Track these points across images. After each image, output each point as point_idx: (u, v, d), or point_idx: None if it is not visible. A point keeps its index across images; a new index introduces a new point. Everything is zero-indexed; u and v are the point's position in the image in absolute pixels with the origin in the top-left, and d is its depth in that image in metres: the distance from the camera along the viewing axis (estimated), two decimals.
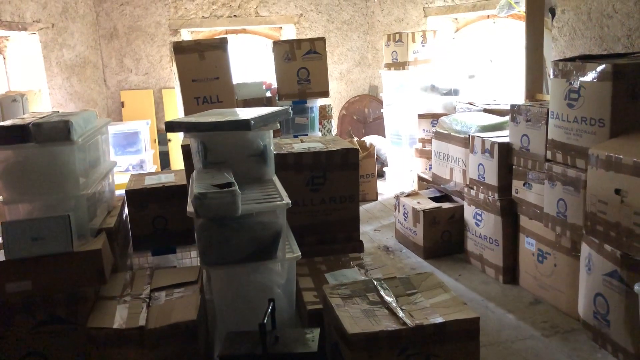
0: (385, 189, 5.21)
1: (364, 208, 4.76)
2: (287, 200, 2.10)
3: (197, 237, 2.08)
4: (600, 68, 2.44)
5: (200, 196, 1.88)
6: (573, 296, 2.69)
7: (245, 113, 2.39)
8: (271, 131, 2.41)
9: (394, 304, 1.98)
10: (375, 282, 2.15)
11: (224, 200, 1.88)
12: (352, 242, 2.93)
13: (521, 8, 4.09)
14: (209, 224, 2.01)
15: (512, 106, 3.14)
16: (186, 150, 2.68)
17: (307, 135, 4.31)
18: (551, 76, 2.75)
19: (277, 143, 3.01)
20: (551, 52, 4.22)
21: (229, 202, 1.89)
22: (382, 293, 2.06)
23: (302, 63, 4.34)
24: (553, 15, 4.25)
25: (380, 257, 2.79)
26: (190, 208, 2.01)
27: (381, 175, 5.50)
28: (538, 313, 2.85)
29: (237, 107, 4.16)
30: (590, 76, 2.49)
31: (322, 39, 4.38)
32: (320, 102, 4.74)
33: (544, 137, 2.85)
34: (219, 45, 4.11)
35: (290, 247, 2.28)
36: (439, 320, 1.85)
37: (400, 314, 1.91)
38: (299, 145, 2.95)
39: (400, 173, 5.27)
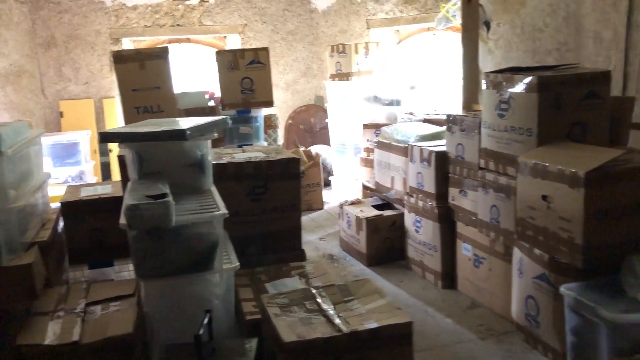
0: (331, 198, 5.25)
1: (309, 217, 4.79)
2: (223, 210, 2.10)
3: (131, 249, 2.05)
4: (527, 80, 2.55)
5: (132, 207, 1.85)
6: (507, 299, 2.79)
7: (182, 123, 2.38)
8: (209, 141, 2.40)
9: (331, 312, 2.00)
10: (313, 290, 2.17)
11: (156, 211, 1.86)
12: (294, 251, 2.94)
13: (457, 21, 4.24)
14: (142, 235, 1.99)
15: (448, 116, 3.24)
16: (122, 161, 2.64)
17: (251, 145, 4.31)
18: (483, 87, 2.85)
19: (217, 153, 3.00)
20: (487, 64, 4.39)
21: (161, 213, 1.87)
22: (320, 301, 2.08)
23: (246, 73, 4.34)
24: (488, 28, 4.42)
25: (321, 266, 2.82)
26: (123, 220, 1.98)
27: (327, 184, 5.54)
28: (475, 316, 2.94)
29: (180, 117, 4.11)
30: (518, 88, 2.60)
31: (266, 49, 4.40)
32: (266, 111, 4.76)
33: (477, 146, 2.95)
34: (160, 55, 4.06)
35: (229, 257, 2.28)
36: (374, 325, 1.89)
37: (337, 320, 1.93)
38: (240, 155, 2.95)
39: (346, 182, 5.33)
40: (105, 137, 2.29)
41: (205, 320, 1.94)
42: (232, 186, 2.76)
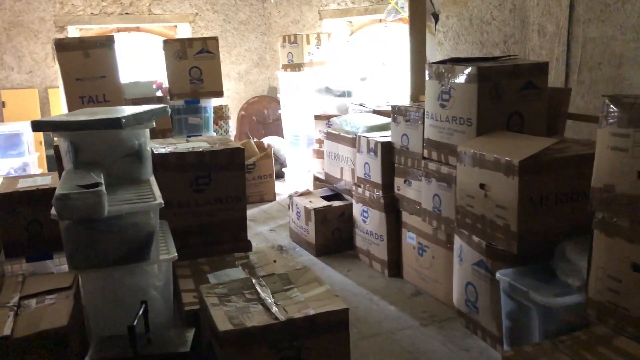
0: (284, 190, 5.23)
1: (261, 209, 4.77)
2: (159, 200, 2.07)
3: (63, 240, 1.99)
4: (467, 71, 2.59)
5: (61, 197, 1.80)
6: (449, 286, 2.84)
7: (118, 111, 2.33)
8: (147, 130, 2.36)
9: (269, 300, 2.00)
10: (253, 280, 2.16)
11: (87, 201, 1.82)
12: (239, 242, 2.92)
13: (406, 13, 4.27)
14: (75, 226, 1.94)
15: (393, 107, 3.27)
16: (57, 151, 2.57)
17: (200, 135, 4.25)
18: (427, 78, 2.89)
19: (160, 142, 2.95)
20: (436, 56, 4.44)
21: (93, 203, 1.83)
22: (259, 290, 2.08)
23: (195, 62, 4.28)
24: (436, 20, 4.47)
25: (266, 256, 2.81)
26: (53, 210, 1.92)
27: (280, 175, 5.53)
28: (418, 304, 2.98)
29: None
30: (459, 78, 2.64)
31: (215, 39, 4.35)
32: (216, 102, 4.70)
33: (421, 136, 2.98)
34: (105, 43, 3.97)
35: (167, 248, 2.25)
36: (311, 312, 1.89)
37: (274, 309, 1.93)
38: (183, 145, 2.91)
39: (299, 173, 5.33)
40: (38, 126, 2.22)
41: (141, 311, 1.91)
42: (175, 176, 2.72)
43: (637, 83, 3.21)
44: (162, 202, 2.06)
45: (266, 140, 5.43)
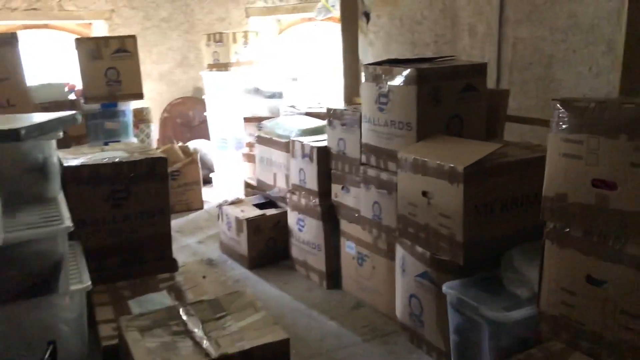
0: (213, 197, 4.96)
1: (187, 218, 4.48)
2: (67, 223, 1.79)
3: None
4: (405, 72, 2.46)
5: None
6: (391, 298, 2.71)
7: (18, 120, 2.02)
8: (54, 141, 2.06)
9: (199, 333, 1.77)
10: (180, 309, 1.93)
11: None
12: (164, 261, 2.67)
13: (337, 11, 4.13)
14: None
15: (329, 110, 3.10)
16: None
17: (119, 141, 3.92)
18: (363, 80, 2.74)
19: (71, 152, 2.64)
20: (368, 56, 4.33)
21: None
22: (187, 320, 1.85)
23: (111, 62, 3.95)
24: (368, 19, 4.35)
25: (194, 275, 2.57)
26: None
27: (208, 181, 5.24)
28: (359, 317, 2.83)
29: (35, 112, 3.64)
30: (397, 80, 2.51)
31: (133, 37, 4.03)
32: (136, 104, 4.37)
33: (358, 140, 2.83)
34: (8, 41, 3.58)
35: (79, 275, 1.97)
36: (246, 346, 1.69)
37: (205, 343, 1.71)
38: (97, 155, 2.61)
39: (228, 179, 5.07)
40: None
41: (47, 355, 1.63)
42: (88, 191, 2.43)
43: (568, 83, 3.21)
44: (71, 224, 1.79)
45: (192, 144, 5.14)
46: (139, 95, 4.05)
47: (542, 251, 1.85)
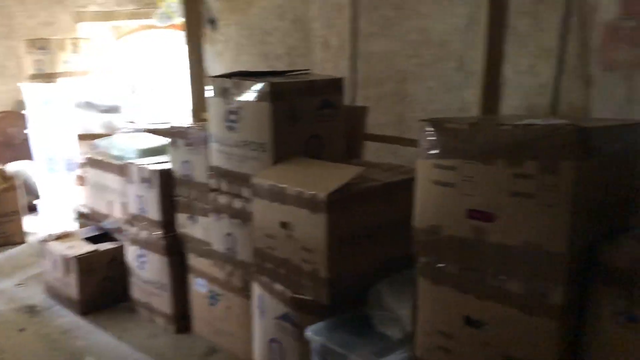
0: (38, 227, 4.28)
1: (6, 254, 3.80)
2: None
3: None
4: (257, 87, 2.17)
5: None
6: (249, 342, 2.39)
7: None
8: None
9: None
10: None
11: None
12: None
13: (179, 18, 3.75)
14: None
15: (171, 127, 2.72)
16: None
17: None
18: (209, 94, 2.41)
19: None
20: (217, 67, 3.99)
21: None
22: None
23: None
24: (214, 26, 4.03)
25: (7, 331, 2.03)
26: None
27: (33, 209, 4.52)
28: None
29: None
30: (248, 95, 2.21)
31: None
32: None
33: (206, 163, 2.49)
34: None
35: None
36: None
37: None
38: None
39: (58, 206, 4.40)
40: None
41: None
42: None
43: (421, 99, 3.16)
44: None
45: (12, 166, 4.40)
46: None
47: (415, 289, 1.66)
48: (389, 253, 2.08)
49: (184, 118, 3.60)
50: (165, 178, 2.70)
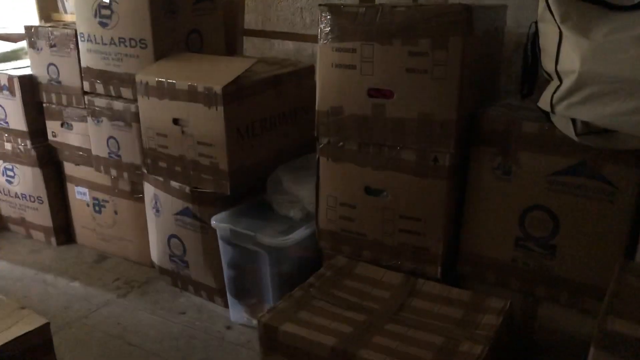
0: None
1: None
2: None
3: None
4: None
5: None
6: (143, 243, 2.40)
7: None
8: None
9: None
10: None
11: None
12: None
13: None
14: None
15: (28, 28, 2.47)
16: None
17: None
18: None
19: None
20: None
21: None
22: None
23: None
24: None
25: None
26: None
27: None
28: (107, 271, 2.46)
29: None
30: None
31: None
32: None
33: (77, 65, 2.33)
34: None
35: None
36: None
37: None
38: None
39: None
40: None
41: None
42: None
43: None
44: None
45: None
46: None
47: (317, 169, 1.79)
48: (282, 143, 2.17)
49: (31, 21, 3.25)
50: (28, 85, 2.48)
